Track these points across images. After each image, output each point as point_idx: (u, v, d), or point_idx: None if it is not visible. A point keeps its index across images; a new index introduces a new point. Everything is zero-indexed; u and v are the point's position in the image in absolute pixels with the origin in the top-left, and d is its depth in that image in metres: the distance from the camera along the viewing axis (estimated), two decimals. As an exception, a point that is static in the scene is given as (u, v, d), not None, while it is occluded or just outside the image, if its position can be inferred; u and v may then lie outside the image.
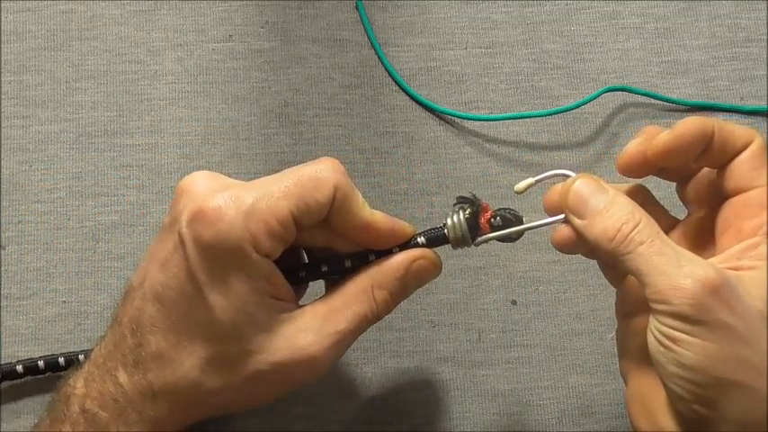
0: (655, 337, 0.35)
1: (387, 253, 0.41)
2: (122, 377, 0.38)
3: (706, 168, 0.40)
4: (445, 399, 0.49)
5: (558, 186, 0.39)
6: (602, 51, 0.56)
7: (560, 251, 0.40)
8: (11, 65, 0.54)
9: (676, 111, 0.55)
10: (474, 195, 0.40)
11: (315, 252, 0.42)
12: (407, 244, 0.41)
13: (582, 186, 0.38)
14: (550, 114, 0.54)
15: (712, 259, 0.37)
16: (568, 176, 0.39)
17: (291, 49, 0.55)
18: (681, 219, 0.42)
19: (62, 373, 0.42)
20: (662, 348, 0.35)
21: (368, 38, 0.56)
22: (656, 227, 0.36)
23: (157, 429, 0.38)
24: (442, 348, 0.50)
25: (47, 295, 0.50)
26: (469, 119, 0.54)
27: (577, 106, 0.53)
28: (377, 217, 0.40)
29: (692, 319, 0.34)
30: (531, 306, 0.51)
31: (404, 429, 0.48)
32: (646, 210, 0.37)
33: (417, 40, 0.56)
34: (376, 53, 0.55)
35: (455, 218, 0.40)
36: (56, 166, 0.52)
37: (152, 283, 0.38)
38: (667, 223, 0.41)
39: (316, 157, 0.52)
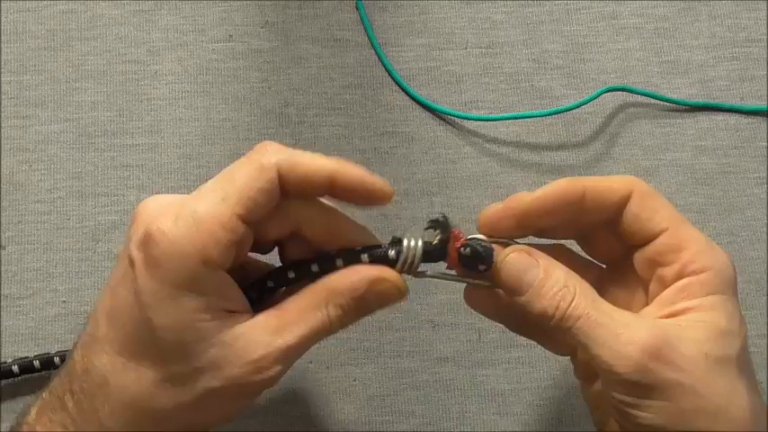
0: (613, 404, 0.36)
1: (356, 260, 0.37)
2: (70, 403, 0.37)
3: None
4: (445, 399, 0.49)
5: (497, 206, 0.39)
6: (602, 51, 0.56)
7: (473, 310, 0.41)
8: (11, 65, 0.54)
9: (676, 111, 0.55)
10: (446, 218, 0.37)
11: (288, 248, 0.40)
12: (351, 256, 0.37)
13: (513, 263, 0.38)
14: (550, 114, 0.54)
15: (647, 309, 0.38)
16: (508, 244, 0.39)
17: (291, 49, 0.55)
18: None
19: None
20: (622, 413, 0.36)
21: (368, 38, 0.56)
22: (590, 294, 0.37)
23: None
24: (442, 348, 0.50)
25: (47, 295, 0.50)
26: (469, 119, 0.54)
27: (577, 106, 0.54)
28: (340, 164, 0.37)
29: (640, 384, 0.35)
30: (531, 306, 0.51)
31: (404, 429, 0.48)
32: (571, 269, 0.37)
33: (417, 40, 0.56)
34: (376, 53, 0.55)
35: (413, 242, 0.37)
36: (56, 166, 0.52)
37: (101, 308, 0.37)
38: (593, 274, 0.41)
39: (316, 158, 0.53)
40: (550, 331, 0.37)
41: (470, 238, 0.38)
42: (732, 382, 0.35)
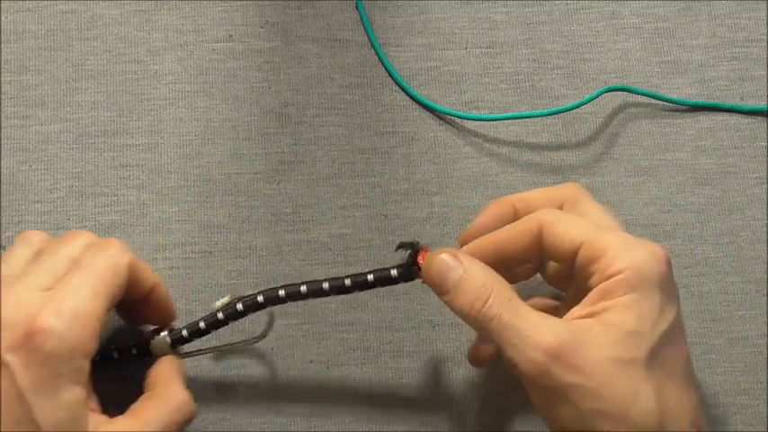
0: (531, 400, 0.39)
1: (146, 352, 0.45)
2: None
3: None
4: (445, 398, 0.49)
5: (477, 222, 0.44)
6: (602, 51, 0.56)
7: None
8: (11, 65, 0.54)
9: (676, 111, 0.55)
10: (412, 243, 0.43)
11: None
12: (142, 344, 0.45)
13: (439, 263, 0.41)
14: (550, 114, 0.54)
15: (573, 310, 0.39)
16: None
17: (291, 49, 0.55)
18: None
19: None
20: (540, 415, 0.39)
21: (368, 38, 0.56)
22: (506, 294, 0.39)
23: None
24: (442, 348, 0.50)
25: (47, 295, 0.50)
26: (469, 119, 0.54)
27: (577, 106, 0.54)
28: (159, 279, 0.44)
29: (542, 386, 0.37)
30: (531, 306, 0.51)
31: (404, 429, 0.48)
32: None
33: (417, 40, 0.56)
34: (376, 53, 0.55)
35: (162, 334, 0.45)
36: (56, 166, 0.52)
37: None
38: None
39: (316, 157, 0.53)
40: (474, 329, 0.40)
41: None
42: (636, 385, 0.36)
